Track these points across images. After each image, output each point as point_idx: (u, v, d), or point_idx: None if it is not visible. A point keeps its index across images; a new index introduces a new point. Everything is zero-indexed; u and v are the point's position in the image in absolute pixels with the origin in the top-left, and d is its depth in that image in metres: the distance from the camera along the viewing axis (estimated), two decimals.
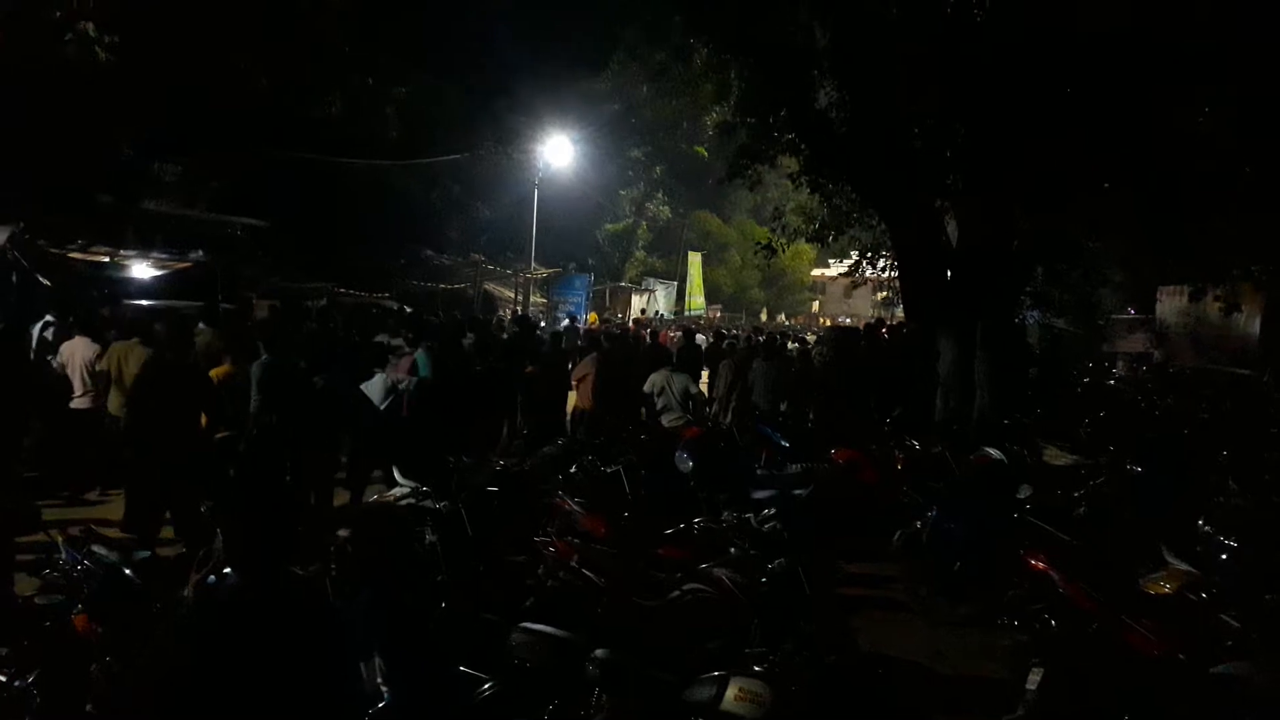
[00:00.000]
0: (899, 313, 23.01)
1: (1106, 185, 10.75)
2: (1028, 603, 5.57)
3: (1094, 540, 6.21)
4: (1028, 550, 5.68)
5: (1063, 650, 4.82)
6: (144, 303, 12.77)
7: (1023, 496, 7.06)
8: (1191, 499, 6.74)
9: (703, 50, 14.08)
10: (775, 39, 11.55)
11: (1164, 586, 5.18)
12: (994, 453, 7.97)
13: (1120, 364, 19.46)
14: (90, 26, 6.43)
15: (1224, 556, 5.66)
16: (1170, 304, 18.87)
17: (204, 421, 7.15)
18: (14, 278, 11.99)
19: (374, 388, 8.00)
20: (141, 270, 14.32)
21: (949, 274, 11.55)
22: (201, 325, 9.68)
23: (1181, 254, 12.30)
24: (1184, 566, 5.42)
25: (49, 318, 9.83)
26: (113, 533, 6.33)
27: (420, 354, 9.25)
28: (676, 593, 5.08)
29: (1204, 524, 6.02)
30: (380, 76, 23.21)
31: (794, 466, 8.20)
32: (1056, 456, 8.73)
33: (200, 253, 15.57)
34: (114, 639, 3.94)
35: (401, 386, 8.09)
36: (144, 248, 15.03)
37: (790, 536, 5.50)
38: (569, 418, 10.72)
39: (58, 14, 6.35)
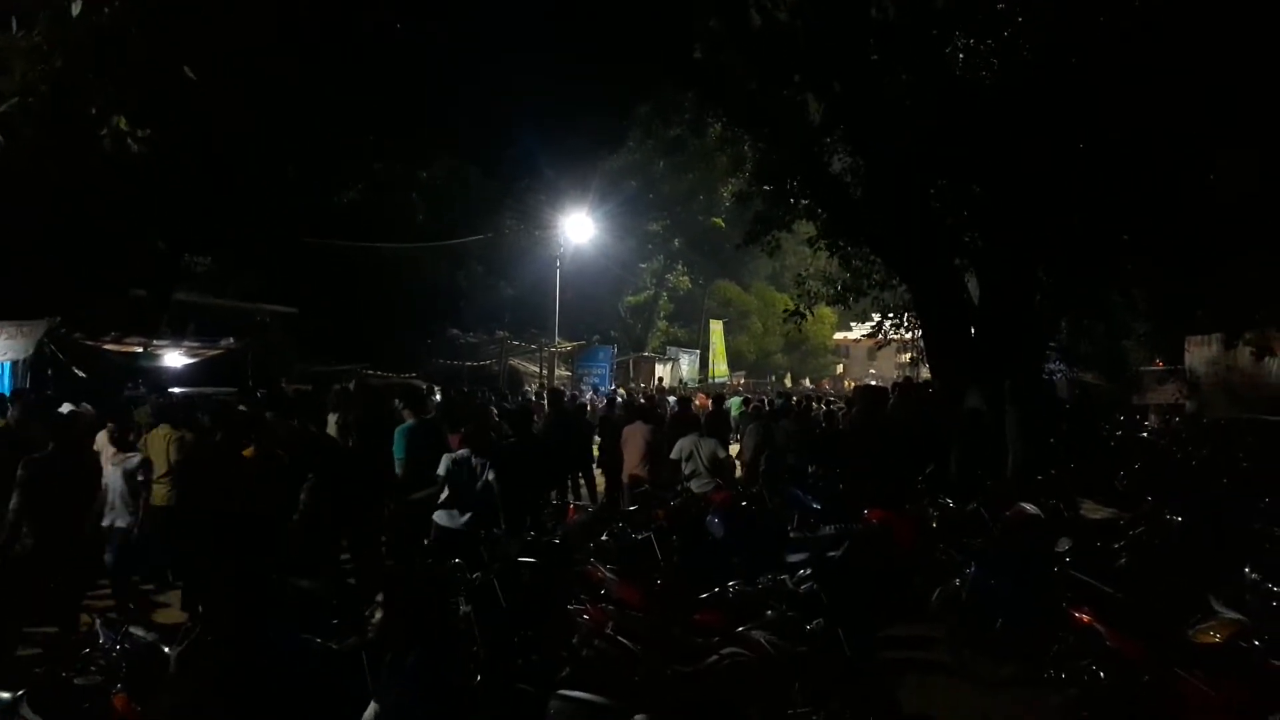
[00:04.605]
0: (925, 372, 22.93)
1: (1126, 238, 10.78)
2: (1074, 657, 5.43)
3: (1139, 591, 6.07)
4: (1072, 604, 5.57)
5: (1113, 704, 4.70)
6: (177, 390, 13.00)
7: (1062, 550, 6.94)
8: (1236, 546, 6.61)
9: (716, 125, 14.35)
10: (785, 111, 11.77)
11: (1213, 636, 5.05)
12: (1030, 508, 7.87)
13: (1153, 416, 19.19)
14: (123, 120, 6.62)
15: (1274, 603, 5.54)
16: (1198, 354, 18.63)
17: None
18: (49, 372, 12.26)
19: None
20: (174, 359, 14.64)
21: (973, 331, 11.52)
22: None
23: (1205, 303, 12.18)
24: (1233, 615, 5.29)
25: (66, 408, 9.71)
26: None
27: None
28: (714, 657, 5.00)
29: (1251, 571, 5.89)
30: (405, 162, 23.83)
31: (827, 528, 8.10)
32: (1094, 510, 8.55)
33: (231, 340, 15.89)
34: (154, 717, 3.96)
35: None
36: (176, 337, 15.37)
37: (827, 598, 5.43)
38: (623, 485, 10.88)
39: (94, 110, 6.56)
